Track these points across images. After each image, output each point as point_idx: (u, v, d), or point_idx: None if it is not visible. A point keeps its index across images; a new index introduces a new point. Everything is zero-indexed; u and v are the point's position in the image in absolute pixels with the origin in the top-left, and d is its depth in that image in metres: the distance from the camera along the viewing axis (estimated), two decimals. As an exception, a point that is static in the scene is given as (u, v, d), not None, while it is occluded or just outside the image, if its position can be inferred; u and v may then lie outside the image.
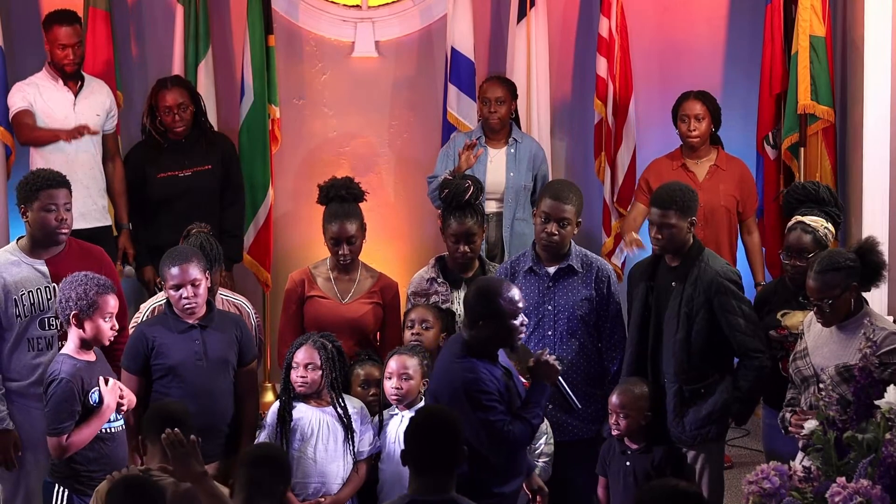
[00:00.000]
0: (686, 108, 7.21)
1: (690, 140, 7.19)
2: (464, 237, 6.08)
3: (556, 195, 5.84)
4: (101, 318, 5.35)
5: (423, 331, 5.86)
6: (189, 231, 6.04)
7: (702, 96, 7.22)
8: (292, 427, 5.50)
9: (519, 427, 5.06)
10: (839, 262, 5.11)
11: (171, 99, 7.27)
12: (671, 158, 7.30)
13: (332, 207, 6.12)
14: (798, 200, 5.86)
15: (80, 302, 5.32)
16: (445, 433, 4.37)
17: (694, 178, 7.16)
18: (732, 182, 7.19)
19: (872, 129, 7.35)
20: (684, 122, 7.21)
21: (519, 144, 7.45)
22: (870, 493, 4.07)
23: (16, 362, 5.65)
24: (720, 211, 7.14)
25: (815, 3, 7.54)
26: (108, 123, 7.45)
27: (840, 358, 5.06)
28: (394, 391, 5.56)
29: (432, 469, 4.32)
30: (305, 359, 5.54)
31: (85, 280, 5.37)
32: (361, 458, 5.56)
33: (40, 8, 8.02)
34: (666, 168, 7.22)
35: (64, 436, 5.27)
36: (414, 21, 8.29)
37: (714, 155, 7.26)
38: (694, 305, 5.60)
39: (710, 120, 7.21)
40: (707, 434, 5.63)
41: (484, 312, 5.05)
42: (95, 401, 5.32)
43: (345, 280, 6.14)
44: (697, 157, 7.23)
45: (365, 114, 8.30)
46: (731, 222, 7.19)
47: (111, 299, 5.38)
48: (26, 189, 5.64)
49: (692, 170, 7.21)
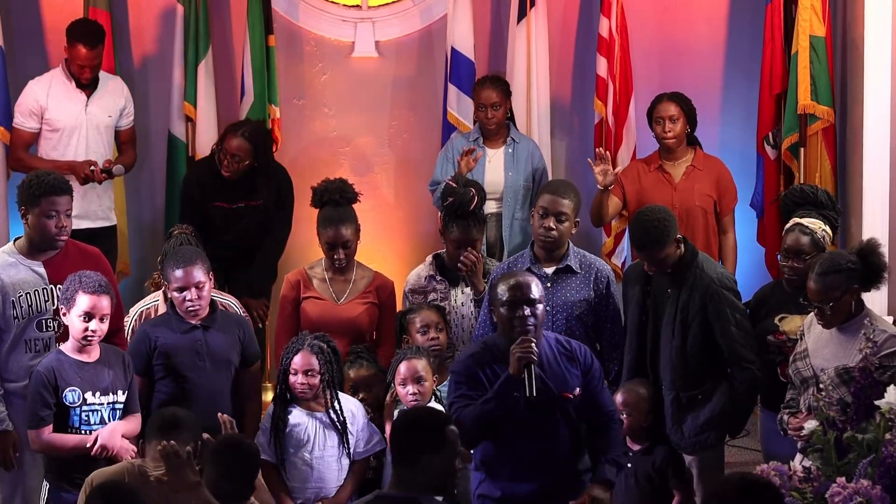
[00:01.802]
0: (660, 109, 7.16)
1: (666, 142, 7.15)
2: (465, 245, 6.09)
3: (554, 191, 5.86)
4: (75, 315, 5.33)
5: (438, 333, 5.88)
6: (171, 233, 6.08)
7: (676, 98, 7.17)
8: (287, 433, 5.50)
9: (467, 413, 4.98)
10: (840, 265, 5.10)
11: (233, 145, 7.07)
12: (647, 162, 7.24)
13: (326, 212, 6.12)
14: (796, 203, 5.86)
15: (63, 296, 5.37)
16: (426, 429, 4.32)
17: (670, 178, 7.14)
18: (708, 181, 7.15)
19: (872, 129, 7.35)
20: (659, 124, 7.16)
21: (517, 144, 7.46)
22: (870, 493, 4.07)
23: (13, 364, 5.64)
24: (696, 211, 7.10)
25: (815, 3, 7.54)
26: (121, 121, 7.50)
27: (840, 360, 5.06)
28: (412, 397, 5.57)
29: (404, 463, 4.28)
30: (304, 365, 5.53)
31: (76, 276, 5.39)
32: (358, 458, 5.56)
33: (40, 8, 8.03)
34: (643, 171, 7.18)
35: (41, 429, 5.26)
36: (414, 21, 8.29)
37: (691, 156, 7.22)
38: (689, 312, 5.59)
39: (684, 120, 7.16)
40: (706, 440, 5.64)
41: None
42: (71, 401, 5.31)
43: (340, 281, 6.15)
44: (674, 159, 7.19)
45: (365, 114, 8.30)
46: (707, 222, 7.14)
47: (98, 300, 5.34)
48: (28, 192, 5.61)
49: (669, 171, 7.17)
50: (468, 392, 5.04)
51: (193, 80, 7.77)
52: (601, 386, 5.24)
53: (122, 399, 5.39)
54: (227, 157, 7.05)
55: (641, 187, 7.13)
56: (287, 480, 5.48)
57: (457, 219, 6.12)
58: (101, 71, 7.45)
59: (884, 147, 7.32)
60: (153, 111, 8.05)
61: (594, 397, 5.18)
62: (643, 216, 5.69)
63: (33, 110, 7.33)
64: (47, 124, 7.35)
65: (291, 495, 5.47)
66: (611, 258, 7.77)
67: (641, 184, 7.13)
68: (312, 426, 5.52)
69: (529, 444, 5.05)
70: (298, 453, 5.49)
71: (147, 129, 7.99)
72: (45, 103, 7.32)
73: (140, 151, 7.78)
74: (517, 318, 5.04)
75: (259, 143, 7.12)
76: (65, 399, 5.31)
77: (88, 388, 5.34)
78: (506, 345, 5.04)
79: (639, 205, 7.02)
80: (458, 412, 5.00)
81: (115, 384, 5.40)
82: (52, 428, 5.30)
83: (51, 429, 5.30)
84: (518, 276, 5.18)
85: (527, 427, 5.03)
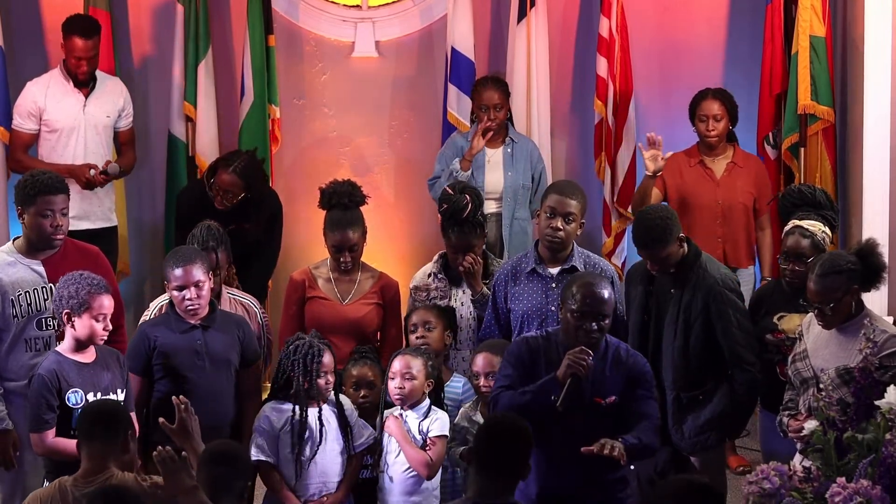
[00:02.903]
0: (704, 108, 7.16)
1: (709, 140, 7.16)
2: (463, 250, 6.09)
3: (561, 191, 5.85)
4: (91, 318, 5.32)
5: (427, 332, 5.86)
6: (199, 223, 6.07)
7: (720, 95, 7.18)
8: (286, 430, 5.49)
9: (504, 397, 5.04)
10: (840, 266, 5.10)
11: (225, 181, 6.98)
12: (688, 155, 7.24)
13: (333, 215, 6.11)
14: (794, 204, 5.85)
15: (71, 301, 5.31)
16: (516, 440, 4.40)
17: (712, 174, 7.16)
18: (749, 179, 7.16)
19: (872, 129, 7.35)
20: (703, 122, 7.16)
21: (516, 144, 7.46)
22: (870, 493, 4.07)
23: (13, 363, 5.65)
24: (738, 208, 7.10)
25: (815, 3, 7.54)
26: (120, 122, 7.50)
27: (840, 360, 5.04)
28: (396, 391, 5.55)
29: (497, 473, 4.34)
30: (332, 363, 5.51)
31: (78, 279, 5.35)
32: (355, 452, 5.56)
33: (40, 8, 8.03)
34: (684, 165, 7.19)
35: (45, 433, 5.25)
36: (414, 21, 8.29)
37: (731, 152, 7.23)
38: (692, 312, 5.59)
39: (728, 119, 7.18)
40: (706, 441, 5.63)
41: None
42: (74, 402, 5.30)
43: (345, 281, 6.14)
44: (715, 155, 7.20)
45: (365, 114, 8.30)
46: (748, 219, 7.15)
47: (104, 299, 5.34)
48: (24, 192, 5.62)
49: (710, 167, 7.19)
50: (513, 373, 5.08)
51: (193, 80, 7.77)
52: (646, 396, 5.14)
53: (121, 398, 5.38)
54: (220, 192, 6.97)
55: (683, 181, 7.15)
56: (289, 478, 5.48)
57: (453, 224, 6.12)
58: (100, 71, 7.45)
59: (884, 147, 7.32)
60: (153, 111, 8.05)
61: (634, 405, 5.10)
62: (645, 215, 5.69)
63: (31, 111, 7.34)
64: (45, 125, 7.35)
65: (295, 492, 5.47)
66: (611, 258, 7.78)
67: (683, 178, 7.15)
68: (314, 421, 5.52)
69: (560, 445, 5.03)
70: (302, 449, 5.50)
71: (147, 129, 7.99)
72: (43, 104, 7.33)
73: (140, 151, 7.79)
74: (582, 330, 5.05)
75: (251, 177, 7.03)
76: (67, 401, 5.30)
77: (90, 389, 5.33)
78: (565, 345, 5.06)
79: (680, 199, 7.08)
80: (498, 392, 5.07)
81: (113, 384, 5.39)
82: (55, 432, 5.29)
83: (54, 432, 5.28)
84: (595, 285, 5.10)
85: (558, 427, 5.02)
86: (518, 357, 5.14)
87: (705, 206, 7.13)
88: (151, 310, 5.96)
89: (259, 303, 6.23)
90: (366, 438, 5.58)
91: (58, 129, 7.33)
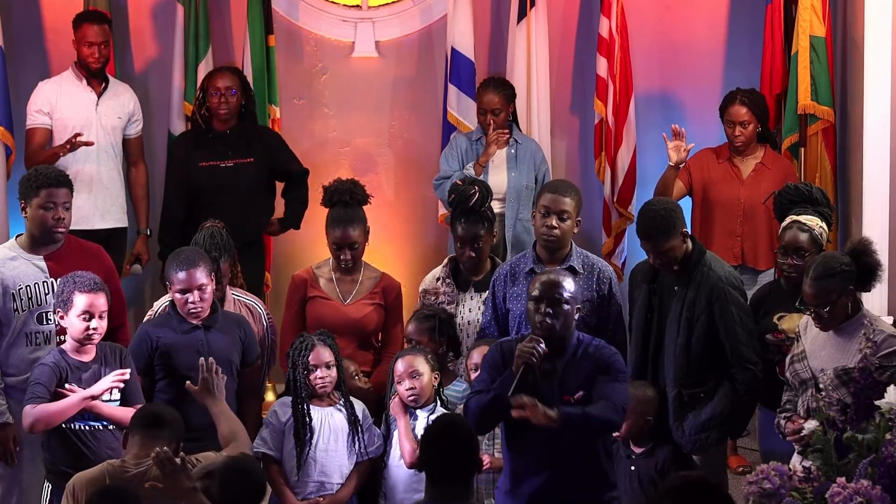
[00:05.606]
0: (731, 113, 7.18)
1: (736, 144, 7.20)
2: (469, 242, 6.08)
3: (555, 189, 5.87)
4: (77, 316, 5.34)
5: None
6: (203, 225, 6.08)
7: (747, 100, 7.18)
8: (288, 427, 5.50)
9: (472, 401, 5.03)
10: (834, 268, 5.08)
11: (221, 82, 7.29)
12: (717, 154, 7.28)
13: (335, 212, 6.12)
14: (791, 201, 5.86)
15: (57, 298, 5.38)
16: (461, 442, 4.38)
17: (738, 173, 7.19)
18: (776, 181, 7.08)
19: (872, 129, 7.34)
20: (730, 127, 7.19)
21: (519, 145, 7.46)
22: (870, 493, 4.07)
23: (14, 357, 5.67)
24: (761, 208, 7.07)
25: (815, 3, 7.54)
26: (130, 128, 7.53)
27: (838, 361, 5.05)
28: (409, 392, 5.55)
29: (448, 478, 4.33)
30: (325, 357, 5.53)
31: (69, 277, 5.40)
32: (363, 459, 5.56)
33: (40, 8, 8.03)
34: (712, 161, 7.24)
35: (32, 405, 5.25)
36: (414, 21, 8.30)
37: (761, 153, 7.25)
38: (695, 310, 5.59)
39: (755, 123, 7.19)
40: (707, 439, 5.63)
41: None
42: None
43: (347, 281, 6.15)
44: (745, 155, 7.24)
45: (365, 114, 8.30)
46: (771, 222, 7.14)
47: (92, 298, 5.35)
48: (28, 185, 5.68)
49: (738, 166, 7.22)
50: (486, 378, 5.07)
51: (193, 80, 7.77)
52: (610, 380, 5.04)
53: (117, 396, 5.39)
54: (217, 95, 7.24)
55: (709, 177, 7.19)
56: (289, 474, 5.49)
57: (461, 215, 6.12)
58: (110, 76, 7.47)
59: (884, 147, 7.32)
60: (153, 111, 8.04)
61: (597, 389, 5.01)
62: (650, 206, 5.70)
63: (44, 109, 7.34)
64: (58, 123, 7.35)
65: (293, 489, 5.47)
66: (611, 258, 7.77)
67: (710, 174, 7.18)
68: (318, 420, 5.53)
69: (531, 441, 5.01)
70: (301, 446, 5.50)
71: (147, 129, 7.97)
72: (55, 102, 7.34)
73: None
74: (538, 315, 5.03)
75: (244, 79, 7.37)
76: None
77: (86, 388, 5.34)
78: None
79: (704, 195, 7.11)
80: (470, 397, 5.06)
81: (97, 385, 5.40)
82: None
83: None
84: (553, 273, 5.16)
85: (526, 424, 4.96)
86: (492, 362, 5.11)
87: (727, 202, 7.18)
88: (155, 310, 5.97)
89: (263, 303, 6.24)
90: (377, 447, 5.58)
91: (70, 126, 7.32)
